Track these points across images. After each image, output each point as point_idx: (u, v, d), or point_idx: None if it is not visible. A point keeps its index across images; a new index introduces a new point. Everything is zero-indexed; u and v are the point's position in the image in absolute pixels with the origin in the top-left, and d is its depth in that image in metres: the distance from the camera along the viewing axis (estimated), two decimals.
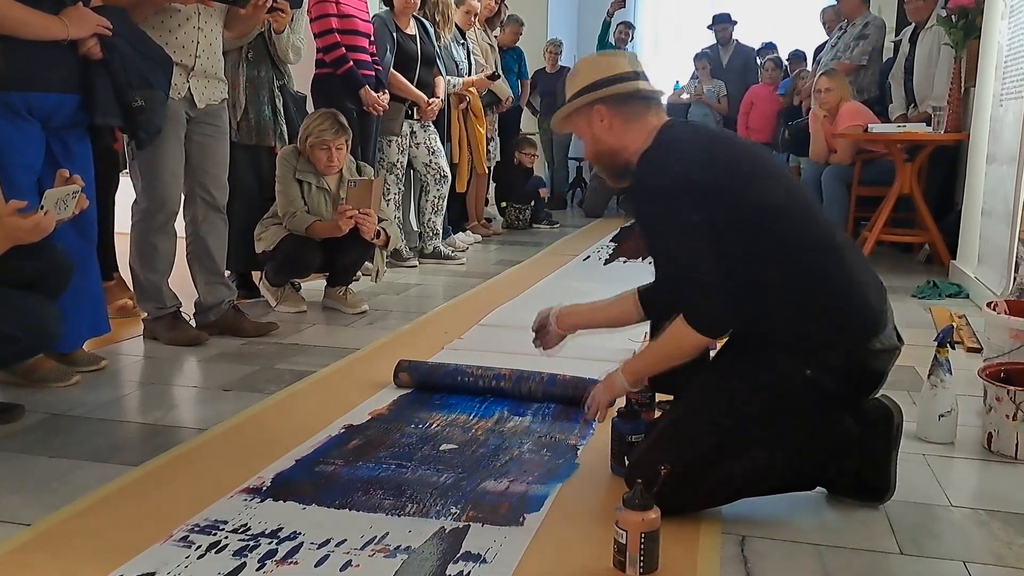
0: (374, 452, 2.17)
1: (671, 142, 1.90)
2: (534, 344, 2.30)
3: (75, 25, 2.54)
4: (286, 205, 3.70)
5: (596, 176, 8.26)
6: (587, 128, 2.01)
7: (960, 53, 4.87)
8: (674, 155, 1.86)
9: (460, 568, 1.60)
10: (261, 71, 3.81)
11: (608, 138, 1.99)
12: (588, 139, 2.04)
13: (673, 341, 1.87)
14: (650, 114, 1.97)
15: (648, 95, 1.99)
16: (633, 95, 1.97)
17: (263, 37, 3.76)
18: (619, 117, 1.96)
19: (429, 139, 5.21)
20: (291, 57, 3.88)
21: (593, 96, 1.96)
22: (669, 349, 1.91)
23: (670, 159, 1.86)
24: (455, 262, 5.27)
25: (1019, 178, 3.61)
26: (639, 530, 1.54)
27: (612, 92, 1.96)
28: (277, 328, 3.42)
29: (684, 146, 1.89)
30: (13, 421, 2.37)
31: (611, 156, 2.01)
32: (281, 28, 3.69)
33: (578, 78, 2.02)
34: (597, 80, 1.97)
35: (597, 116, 1.98)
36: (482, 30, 6.36)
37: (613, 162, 2.02)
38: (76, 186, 2.37)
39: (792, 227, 1.82)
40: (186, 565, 1.60)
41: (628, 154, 1.97)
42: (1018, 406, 2.15)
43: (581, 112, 2.00)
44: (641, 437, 1.99)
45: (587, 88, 1.98)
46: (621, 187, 2.09)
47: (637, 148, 1.93)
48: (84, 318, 2.81)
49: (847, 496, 1.92)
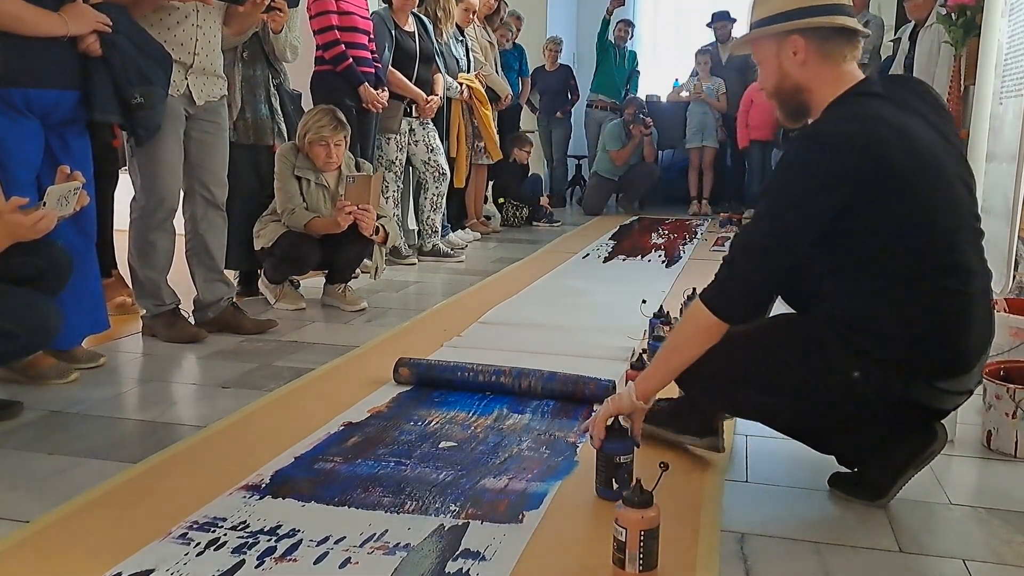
0: (373, 449, 2.16)
1: (859, 116, 1.70)
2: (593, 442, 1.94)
3: (75, 21, 2.54)
4: (285, 202, 3.70)
5: (595, 174, 8.27)
6: (774, 58, 1.82)
7: (960, 51, 4.86)
8: (855, 130, 1.67)
9: (459, 565, 1.60)
10: (257, 70, 3.81)
11: (797, 74, 1.79)
12: (771, 69, 1.83)
13: (682, 325, 1.84)
14: (848, 57, 1.78)
15: (852, 33, 1.78)
16: (840, 31, 1.76)
17: (258, 36, 3.76)
18: (816, 53, 1.76)
19: (428, 136, 5.20)
20: (288, 56, 3.88)
21: (794, 24, 1.75)
22: (677, 339, 1.87)
23: (850, 131, 1.67)
24: (454, 260, 5.27)
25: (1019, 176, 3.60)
26: (638, 528, 1.53)
27: (817, 23, 1.75)
28: (276, 325, 3.42)
29: (870, 125, 1.67)
30: (12, 418, 2.36)
31: (793, 94, 1.83)
32: (278, 28, 3.69)
33: (776, 0, 1.79)
34: (803, 6, 1.75)
35: (791, 46, 1.78)
36: (481, 27, 6.37)
37: (793, 100, 1.85)
38: (77, 183, 2.36)
39: (926, 253, 1.69)
40: (185, 562, 1.60)
41: (812, 96, 1.80)
42: (1017, 404, 2.15)
43: (773, 38, 1.80)
44: (631, 458, 1.86)
45: (789, 13, 1.76)
46: (791, 127, 1.93)
47: (824, 94, 1.77)
48: (83, 315, 2.81)
49: (842, 490, 1.92)
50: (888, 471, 1.85)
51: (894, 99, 1.77)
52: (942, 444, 1.84)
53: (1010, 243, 3.61)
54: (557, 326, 3.52)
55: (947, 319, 1.71)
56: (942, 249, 1.70)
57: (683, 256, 5.54)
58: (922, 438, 1.83)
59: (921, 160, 1.69)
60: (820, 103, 1.79)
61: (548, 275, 4.78)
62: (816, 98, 1.80)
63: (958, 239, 1.72)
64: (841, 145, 1.66)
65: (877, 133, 1.66)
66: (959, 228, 1.73)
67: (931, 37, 5.28)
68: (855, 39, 1.79)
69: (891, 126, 1.68)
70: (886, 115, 1.71)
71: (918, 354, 1.72)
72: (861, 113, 1.71)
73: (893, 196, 1.66)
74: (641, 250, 5.82)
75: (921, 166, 1.68)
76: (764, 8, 1.81)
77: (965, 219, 1.76)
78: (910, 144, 1.69)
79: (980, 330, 1.77)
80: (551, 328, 3.48)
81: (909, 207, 1.67)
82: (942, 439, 1.84)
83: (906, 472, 1.84)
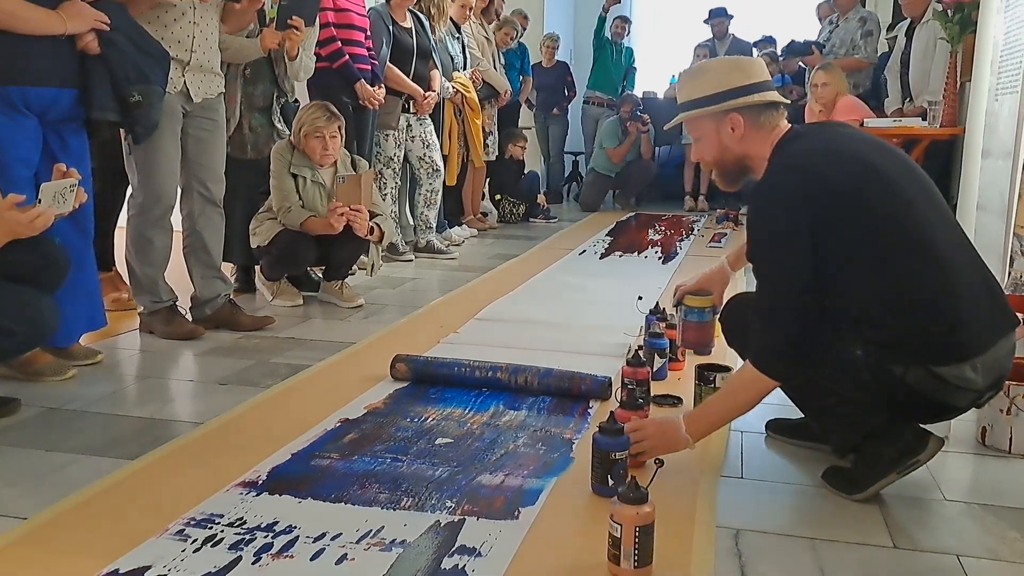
0: (370, 446, 2.17)
1: (790, 155, 1.89)
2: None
3: (72, 19, 2.54)
4: (281, 200, 3.69)
5: (592, 170, 8.27)
6: (713, 134, 1.97)
7: (956, 48, 4.87)
8: (778, 193, 1.85)
9: (455, 561, 1.61)
10: (257, 89, 3.81)
11: (737, 147, 1.95)
12: (711, 144, 1.99)
13: (739, 386, 1.92)
14: (778, 123, 1.95)
15: (780, 104, 1.96)
16: (769, 104, 1.94)
17: (268, 59, 3.74)
18: (752, 127, 1.93)
19: (425, 133, 5.20)
20: (301, 76, 3.88)
21: (732, 104, 1.92)
22: (736, 398, 1.92)
23: (785, 173, 1.86)
24: (447, 256, 5.27)
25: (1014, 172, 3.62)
26: (633, 524, 1.54)
27: (752, 102, 1.92)
28: (273, 322, 3.42)
29: (800, 160, 1.87)
30: (9, 415, 2.37)
31: (735, 163, 1.99)
32: (294, 53, 3.68)
33: (708, 79, 1.95)
34: (736, 86, 1.92)
35: (729, 124, 1.94)
36: (478, 23, 6.35)
37: (735, 168, 2.01)
38: (73, 179, 2.36)
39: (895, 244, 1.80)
40: (182, 559, 1.60)
41: (754, 161, 1.96)
42: (1012, 401, 2.15)
43: (711, 117, 1.95)
44: (625, 454, 1.87)
45: (724, 94, 1.92)
46: (728, 191, 2.10)
47: (764, 155, 1.93)
48: (80, 312, 2.81)
49: (827, 480, 1.96)
50: (871, 470, 1.87)
51: (815, 134, 1.98)
52: (929, 456, 1.85)
53: (1006, 239, 3.63)
54: (553, 322, 3.53)
55: (923, 299, 1.79)
56: (914, 240, 1.80)
57: (679, 252, 5.55)
58: (912, 445, 1.85)
59: (856, 168, 1.84)
60: (761, 164, 1.96)
61: (545, 271, 4.78)
62: (757, 162, 1.97)
63: (926, 229, 1.81)
64: (785, 189, 1.84)
65: (812, 165, 1.84)
66: (925, 219, 1.83)
67: (927, 33, 5.29)
68: (782, 108, 1.97)
69: (818, 153, 1.87)
70: (812, 147, 1.90)
71: (910, 339, 1.79)
72: (793, 156, 1.89)
73: (848, 208, 1.80)
74: (638, 246, 5.82)
75: (857, 174, 1.83)
76: (697, 88, 1.96)
77: (927, 209, 1.85)
78: (839, 159, 1.85)
79: (976, 319, 1.80)
80: (547, 324, 3.49)
81: (865, 211, 1.80)
82: (931, 451, 1.85)
83: (887, 475, 1.86)
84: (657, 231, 6.60)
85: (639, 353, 2.27)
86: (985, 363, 1.80)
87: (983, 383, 1.82)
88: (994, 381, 1.84)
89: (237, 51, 3.50)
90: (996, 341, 1.82)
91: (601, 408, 2.45)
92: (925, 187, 1.89)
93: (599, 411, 2.43)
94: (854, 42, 6.30)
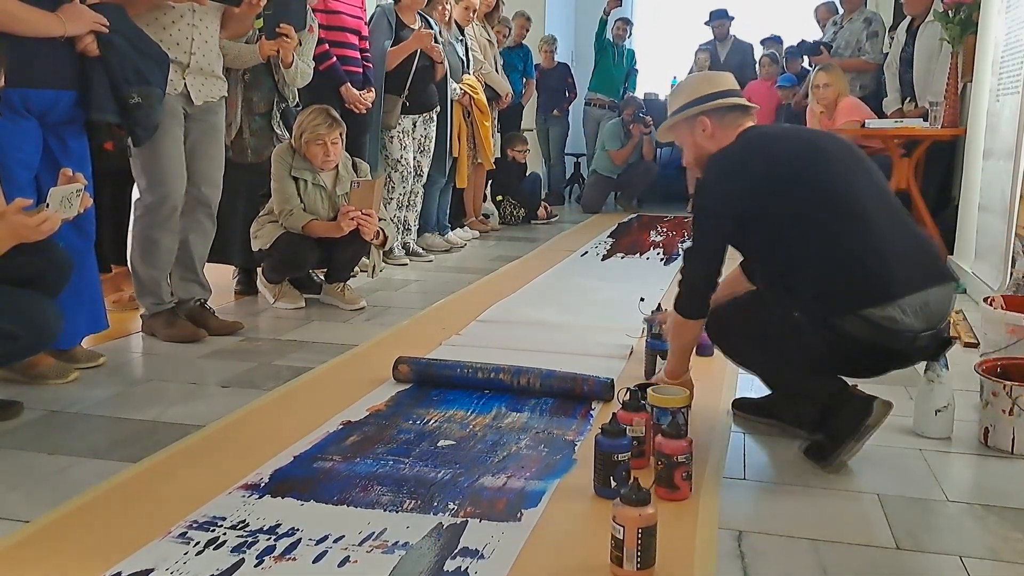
0: (372, 448, 2.17)
1: (732, 149, 2.19)
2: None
3: (72, 21, 2.54)
4: (282, 203, 3.69)
5: (594, 172, 8.27)
6: (689, 136, 2.29)
7: (957, 48, 4.87)
8: (725, 159, 2.18)
9: (458, 564, 1.61)
10: (256, 95, 3.81)
11: (709, 144, 2.25)
12: (690, 145, 2.31)
13: (674, 334, 2.34)
14: (744, 122, 2.26)
15: (744, 107, 2.28)
16: (733, 108, 2.26)
17: (268, 65, 3.75)
18: (719, 126, 2.24)
19: (426, 137, 5.18)
20: (299, 82, 3.88)
21: (699, 109, 2.24)
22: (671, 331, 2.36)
23: (720, 163, 2.18)
24: (424, 259, 5.22)
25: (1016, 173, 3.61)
26: (636, 525, 1.54)
27: (715, 106, 2.24)
28: (243, 327, 3.37)
29: (752, 138, 2.20)
30: (12, 418, 2.37)
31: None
32: (288, 61, 3.68)
33: (683, 93, 2.30)
34: (704, 95, 2.25)
35: (700, 126, 2.26)
36: (481, 26, 6.35)
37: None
38: (79, 184, 2.36)
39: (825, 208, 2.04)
40: (184, 561, 1.60)
41: None
42: (1015, 401, 2.15)
43: (686, 123, 2.28)
44: (627, 456, 1.88)
45: (694, 102, 2.26)
46: None
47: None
48: (82, 314, 2.81)
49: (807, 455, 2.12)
50: (833, 441, 2.04)
51: (775, 127, 2.37)
52: (878, 419, 2.01)
53: (1007, 239, 3.62)
54: (555, 324, 3.53)
55: (846, 248, 2.01)
56: (843, 208, 2.03)
57: (681, 254, 5.54)
58: (860, 411, 2.01)
59: (802, 147, 2.16)
60: None
61: (546, 273, 4.78)
62: None
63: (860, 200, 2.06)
64: (729, 157, 2.18)
65: (761, 144, 2.18)
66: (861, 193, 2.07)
67: (929, 33, 5.29)
68: (748, 110, 2.29)
69: (770, 135, 2.25)
70: (766, 132, 2.31)
71: (834, 286, 2.01)
72: (747, 138, 2.22)
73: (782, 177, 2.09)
74: (639, 248, 5.82)
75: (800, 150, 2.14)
76: (675, 102, 2.32)
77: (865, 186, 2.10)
78: (788, 138, 2.21)
79: (900, 267, 1.98)
80: (549, 326, 3.49)
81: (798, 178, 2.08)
82: (878, 413, 2.00)
83: (847, 442, 2.02)
84: (659, 232, 6.60)
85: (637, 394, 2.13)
86: (912, 305, 1.96)
87: (916, 324, 1.98)
88: (927, 323, 2.00)
89: (236, 56, 3.50)
90: (925, 288, 1.99)
91: (603, 410, 2.46)
92: (868, 170, 2.14)
93: (601, 412, 2.43)
94: (859, 43, 6.29)
